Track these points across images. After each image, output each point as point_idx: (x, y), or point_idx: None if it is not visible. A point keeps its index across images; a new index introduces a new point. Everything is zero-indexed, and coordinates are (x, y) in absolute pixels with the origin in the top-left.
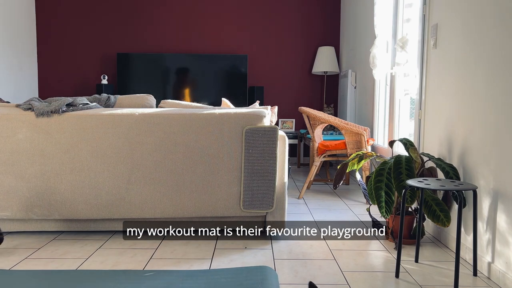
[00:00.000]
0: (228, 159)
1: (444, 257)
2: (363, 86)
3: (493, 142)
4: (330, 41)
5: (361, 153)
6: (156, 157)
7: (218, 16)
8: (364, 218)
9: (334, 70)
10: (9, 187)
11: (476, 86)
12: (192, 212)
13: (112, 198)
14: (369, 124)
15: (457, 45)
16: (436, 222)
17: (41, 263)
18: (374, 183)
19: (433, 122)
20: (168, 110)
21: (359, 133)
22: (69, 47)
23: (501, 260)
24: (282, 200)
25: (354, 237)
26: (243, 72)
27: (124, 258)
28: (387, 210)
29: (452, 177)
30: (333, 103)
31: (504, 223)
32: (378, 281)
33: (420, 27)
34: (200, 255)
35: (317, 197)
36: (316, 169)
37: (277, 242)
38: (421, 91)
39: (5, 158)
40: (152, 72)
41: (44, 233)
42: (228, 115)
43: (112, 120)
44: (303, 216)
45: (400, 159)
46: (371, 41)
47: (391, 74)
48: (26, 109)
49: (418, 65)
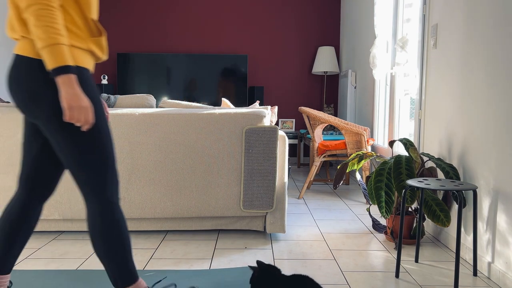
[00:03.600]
0: (228, 159)
1: (444, 257)
2: (363, 86)
3: (493, 142)
4: (330, 41)
5: (361, 153)
6: (156, 157)
7: (218, 16)
8: (364, 218)
9: (334, 70)
10: (9, 187)
11: (476, 86)
12: (192, 212)
13: None
14: (369, 124)
15: (457, 45)
16: (436, 222)
17: (41, 263)
18: (374, 183)
19: (433, 122)
20: (168, 110)
21: (359, 133)
22: None
23: (501, 260)
24: (282, 200)
25: (354, 237)
26: (243, 72)
27: None
28: (387, 210)
29: (452, 177)
30: (333, 103)
31: (504, 223)
32: (378, 281)
33: (420, 27)
34: (200, 255)
35: (317, 197)
36: (316, 169)
37: (277, 242)
38: (421, 91)
39: (5, 158)
40: (152, 72)
41: (44, 233)
42: (228, 115)
43: (112, 120)
44: (303, 216)
45: (400, 159)
46: (371, 41)
47: (391, 74)
48: None
49: (418, 65)
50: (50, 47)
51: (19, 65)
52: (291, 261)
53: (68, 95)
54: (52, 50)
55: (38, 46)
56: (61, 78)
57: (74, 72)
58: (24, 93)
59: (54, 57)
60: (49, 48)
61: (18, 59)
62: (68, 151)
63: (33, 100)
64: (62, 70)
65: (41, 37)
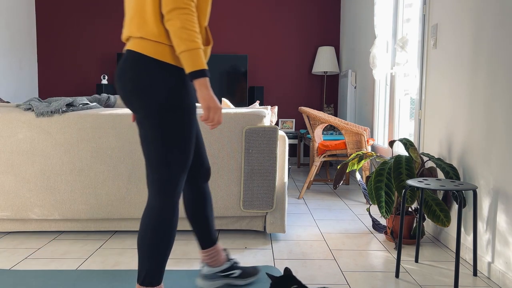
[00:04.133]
0: (228, 159)
1: (444, 257)
2: (363, 86)
3: (493, 142)
4: (330, 41)
5: (361, 153)
6: None
7: (218, 16)
8: (364, 218)
9: (334, 70)
10: (9, 187)
11: (476, 86)
12: None
13: (112, 198)
14: (369, 124)
15: (457, 45)
16: (436, 222)
17: (41, 263)
18: (374, 183)
19: (433, 122)
20: None
21: (359, 133)
22: (69, 47)
23: (501, 260)
24: (282, 200)
25: (354, 237)
26: (243, 72)
27: (124, 258)
28: (387, 210)
29: (452, 177)
30: (333, 103)
31: (504, 223)
32: (378, 281)
33: (420, 27)
34: None
35: (317, 197)
36: (316, 169)
37: (277, 242)
38: (421, 91)
39: (5, 158)
40: None
41: (44, 233)
42: (228, 115)
43: (112, 120)
44: (303, 216)
45: (400, 159)
46: (371, 41)
47: (391, 74)
48: (26, 109)
49: (418, 65)
50: (192, 51)
51: (136, 60)
52: (291, 261)
53: (206, 97)
54: (192, 54)
55: (180, 48)
56: (199, 81)
57: (208, 75)
58: (134, 86)
59: (194, 61)
60: (190, 52)
61: (137, 56)
62: (154, 147)
63: (140, 94)
64: (200, 74)
65: (184, 40)
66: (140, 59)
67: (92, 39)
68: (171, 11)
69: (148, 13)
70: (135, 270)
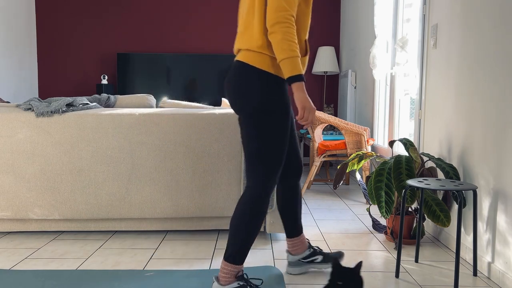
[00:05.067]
0: (228, 159)
1: (444, 257)
2: (363, 86)
3: (493, 142)
4: (330, 41)
5: (361, 153)
6: (156, 157)
7: (218, 16)
8: (364, 218)
9: (334, 70)
10: (9, 187)
11: (476, 86)
12: (192, 212)
13: (112, 198)
14: (369, 124)
15: (457, 45)
16: (436, 222)
17: (41, 263)
18: (374, 183)
19: (433, 122)
20: (168, 110)
21: (359, 133)
22: (69, 47)
23: (501, 260)
24: None
25: (354, 237)
26: None
27: (124, 258)
28: (387, 210)
29: (452, 177)
30: (333, 103)
31: (504, 223)
32: (378, 281)
33: (420, 27)
34: (200, 255)
35: (317, 197)
36: (316, 169)
37: (277, 242)
38: (421, 91)
39: (5, 158)
40: (152, 72)
41: (44, 233)
42: (228, 115)
43: (112, 120)
44: (303, 216)
45: (400, 159)
46: (371, 41)
47: (391, 74)
48: (26, 109)
49: (418, 65)
50: (291, 59)
51: (240, 68)
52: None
53: (302, 98)
54: (291, 61)
55: (281, 57)
56: (296, 85)
57: (304, 80)
58: (236, 91)
59: (292, 67)
60: (290, 59)
61: (241, 65)
62: (254, 145)
63: (242, 98)
64: (298, 78)
65: (285, 50)
66: (244, 68)
67: (92, 39)
68: (274, 25)
69: (255, 27)
70: (135, 270)
